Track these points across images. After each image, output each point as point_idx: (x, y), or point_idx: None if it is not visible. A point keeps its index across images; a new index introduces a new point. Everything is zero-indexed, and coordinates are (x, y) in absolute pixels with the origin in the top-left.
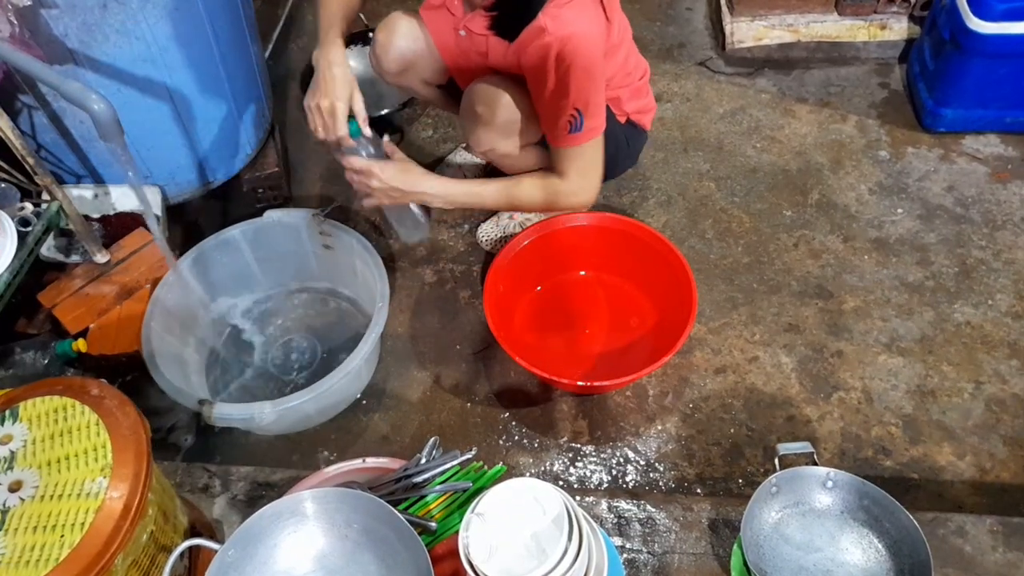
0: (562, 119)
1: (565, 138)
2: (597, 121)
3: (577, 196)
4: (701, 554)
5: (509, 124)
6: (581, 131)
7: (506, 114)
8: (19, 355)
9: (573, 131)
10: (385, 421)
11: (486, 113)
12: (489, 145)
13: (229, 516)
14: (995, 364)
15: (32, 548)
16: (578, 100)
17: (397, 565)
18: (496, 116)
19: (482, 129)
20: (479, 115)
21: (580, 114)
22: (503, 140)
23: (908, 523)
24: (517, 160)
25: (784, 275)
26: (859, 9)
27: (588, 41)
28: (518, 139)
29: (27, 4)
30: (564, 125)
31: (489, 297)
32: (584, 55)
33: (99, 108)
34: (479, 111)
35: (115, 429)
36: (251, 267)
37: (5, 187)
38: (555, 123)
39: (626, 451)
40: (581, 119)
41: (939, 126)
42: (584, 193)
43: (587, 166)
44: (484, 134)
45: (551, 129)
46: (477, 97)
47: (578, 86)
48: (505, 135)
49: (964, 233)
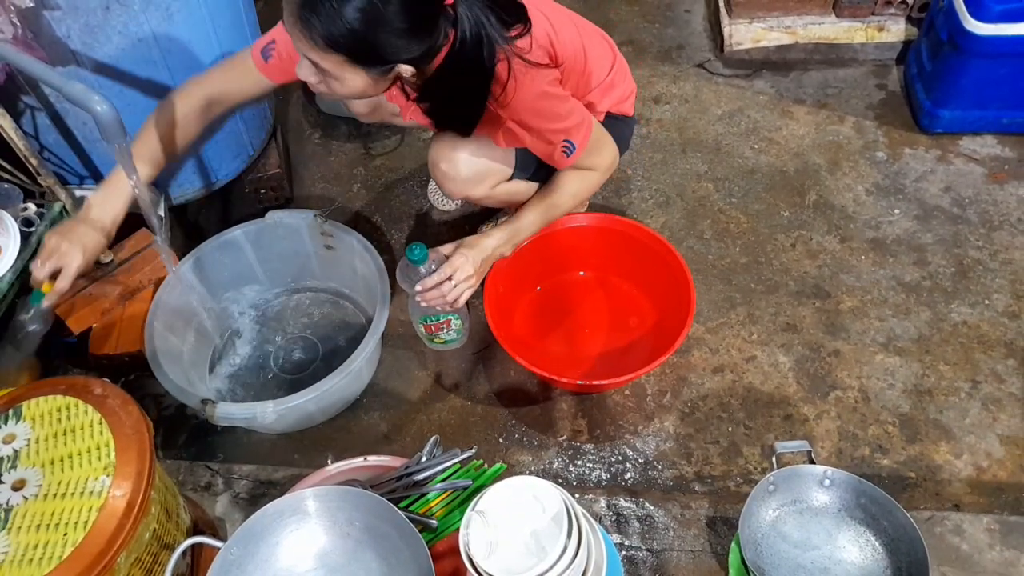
0: (556, 154)
1: (566, 161)
2: (583, 130)
3: (607, 169)
4: (699, 551)
5: (476, 174)
6: (575, 149)
7: (470, 166)
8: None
9: (570, 154)
10: (386, 420)
11: (450, 169)
12: (463, 194)
13: (231, 514)
14: (992, 363)
15: (35, 546)
16: (560, 136)
17: (398, 563)
18: (460, 171)
19: (450, 183)
20: (444, 172)
21: (568, 142)
22: (475, 187)
23: (905, 521)
24: (494, 198)
25: (782, 275)
26: (857, 11)
27: (542, 99)
28: (489, 183)
29: (29, 5)
30: (560, 156)
31: (489, 297)
32: (542, 110)
33: (102, 109)
34: (443, 168)
35: (118, 428)
36: (253, 267)
37: (8, 188)
38: (552, 159)
39: (625, 449)
40: (571, 144)
41: (936, 127)
42: (609, 161)
43: (598, 148)
44: (454, 187)
45: (549, 161)
46: (439, 155)
47: (552, 130)
48: (475, 183)
49: (961, 233)
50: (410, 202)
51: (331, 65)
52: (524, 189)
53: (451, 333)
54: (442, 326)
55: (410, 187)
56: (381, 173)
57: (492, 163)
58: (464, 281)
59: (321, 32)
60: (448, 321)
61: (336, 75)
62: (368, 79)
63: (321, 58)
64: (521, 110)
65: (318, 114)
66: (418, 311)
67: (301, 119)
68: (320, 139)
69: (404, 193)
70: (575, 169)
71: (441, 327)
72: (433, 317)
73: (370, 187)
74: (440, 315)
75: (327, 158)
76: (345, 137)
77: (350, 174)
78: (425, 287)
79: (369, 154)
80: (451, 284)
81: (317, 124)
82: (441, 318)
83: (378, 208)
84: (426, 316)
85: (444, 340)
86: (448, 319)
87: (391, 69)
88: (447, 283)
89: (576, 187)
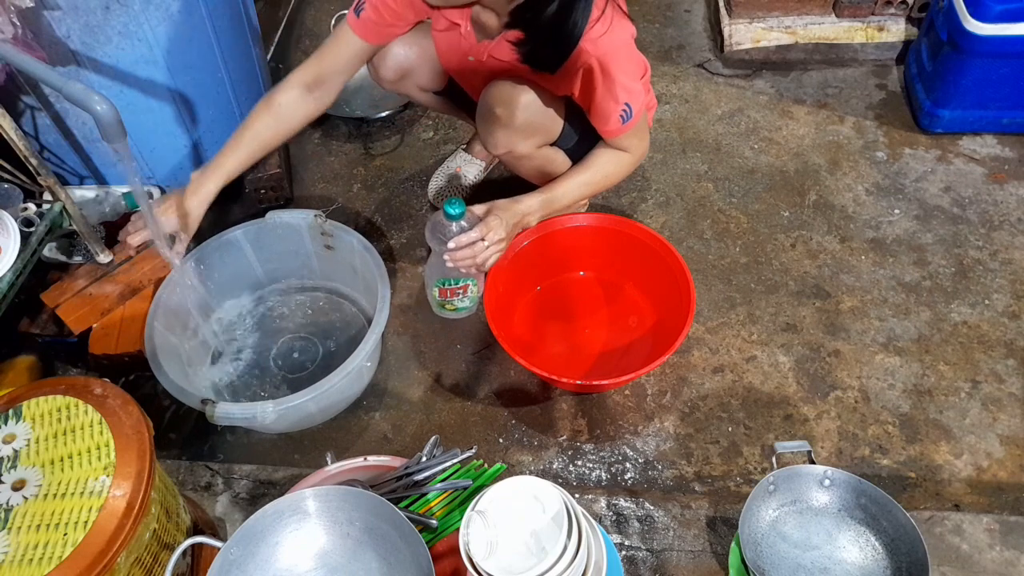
0: (614, 115)
1: (620, 128)
2: (641, 102)
3: (639, 157)
4: (699, 552)
5: (529, 125)
6: (632, 117)
7: (526, 115)
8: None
9: (626, 121)
10: (386, 420)
11: (505, 115)
12: (508, 147)
13: (231, 514)
14: (992, 363)
15: (35, 546)
16: (626, 96)
17: (398, 562)
18: (515, 117)
19: (501, 131)
20: (498, 117)
21: (629, 106)
22: (522, 141)
23: (905, 521)
24: (532, 161)
25: (782, 275)
26: (857, 11)
27: (626, 48)
28: (537, 140)
29: (30, 5)
30: (616, 119)
31: (489, 297)
32: (624, 61)
33: (102, 109)
34: (498, 112)
35: (118, 428)
36: (253, 267)
37: (8, 188)
38: (608, 120)
39: (625, 449)
40: (631, 109)
41: (936, 127)
42: (643, 149)
43: (642, 132)
44: (503, 136)
45: (604, 125)
46: (496, 99)
47: (623, 86)
48: (524, 136)
49: (961, 233)
50: (410, 202)
51: None
52: (561, 160)
53: (465, 300)
54: (459, 291)
55: (410, 187)
56: (381, 173)
57: (545, 119)
58: (496, 243)
59: None
60: (466, 287)
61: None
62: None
63: None
64: (610, 49)
65: None
66: (437, 272)
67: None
68: (320, 139)
69: (404, 193)
70: (613, 149)
71: (457, 292)
72: (452, 281)
73: (370, 187)
74: (460, 279)
75: (327, 158)
76: (345, 137)
77: (350, 174)
78: (459, 244)
79: (369, 154)
80: (483, 245)
81: (317, 124)
82: (460, 283)
83: (378, 208)
84: (445, 279)
85: (456, 307)
86: (466, 284)
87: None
88: (479, 243)
89: (610, 168)
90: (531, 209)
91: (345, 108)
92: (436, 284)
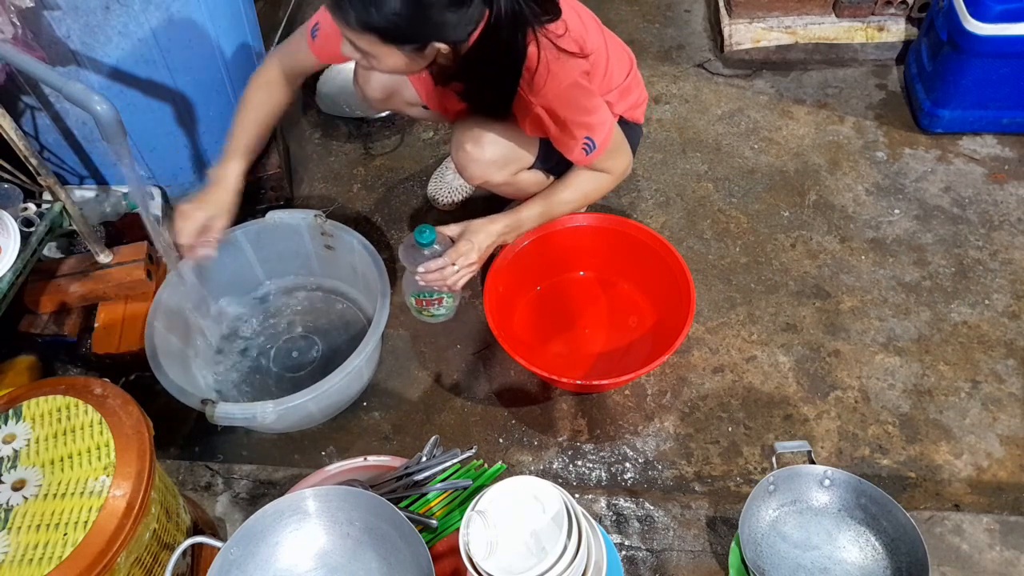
0: (576, 150)
1: (586, 159)
2: (606, 130)
3: (620, 175)
4: (699, 551)
5: (500, 157)
6: (596, 148)
7: (495, 149)
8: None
9: (590, 152)
10: (386, 420)
11: (475, 150)
12: (482, 179)
13: (231, 514)
14: (992, 363)
15: (35, 546)
16: (583, 132)
17: (398, 562)
18: (485, 152)
19: (472, 164)
20: (468, 152)
21: (590, 139)
22: (495, 172)
23: (905, 521)
24: (511, 187)
25: (782, 275)
26: (857, 11)
27: (572, 90)
28: (511, 168)
29: (29, 5)
30: (580, 153)
31: (489, 297)
32: (572, 101)
33: (102, 109)
34: (468, 148)
35: (118, 428)
36: (253, 267)
37: (8, 188)
38: (571, 153)
39: (625, 449)
40: (592, 142)
41: (936, 127)
42: (623, 167)
43: (616, 152)
44: (475, 169)
45: (569, 156)
46: (465, 135)
47: (577, 124)
48: (496, 168)
49: (961, 233)
50: (410, 202)
51: (367, 44)
52: (542, 181)
53: (441, 309)
54: (434, 302)
55: (410, 187)
56: (381, 173)
57: (517, 148)
58: (467, 267)
59: (354, 14)
60: (440, 299)
61: (373, 53)
62: (404, 57)
63: (357, 38)
64: (552, 96)
65: (318, 114)
66: (412, 287)
67: (301, 119)
68: (320, 139)
69: (404, 193)
70: (590, 170)
71: (433, 303)
72: (427, 294)
73: (370, 187)
74: (434, 293)
75: (327, 158)
76: (345, 137)
77: (350, 174)
78: (428, 269)
79: (369, 154)
80: (453, 269)
81: (317, 124)
82: (434, 295)
83: (378, 208)
84: (419, 293)
85: (433, 315)
86: (441, 297)
87: (425, 47)
88: (449, 267)
89: (588, 187)
90: (506, 230)
91: (345, 108)
92: (412, 295)
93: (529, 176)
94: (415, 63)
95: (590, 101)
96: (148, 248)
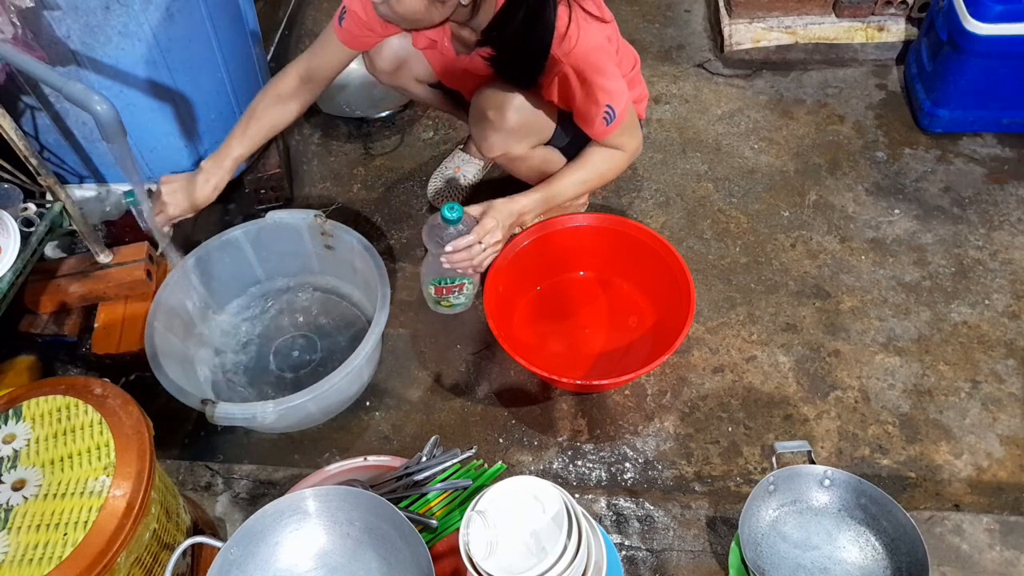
0: (597, 119)
1: (605, 130)
2: (625, 101)
3: (633, 153)
4: (699, 551)
5: (521, 126)
6: (616, 118)
7: (518, 117)
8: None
9: (610, 123)
10: (386, 420)
11: (497, 118)
12: (503, 149)
13: (231, 514)
14: (992, 364)
15: (35, 546)
16: (606, 98)
17: (398, 562)
18: (507, 120)
19: (495, 134)
20: (491, 120)
21: (611, 108)
22: (517, 143)
23: (905, 521)
24: (528, 162)
25: (782, 275)
26: (857, 11)
27: (600, 52)
28: (531, 140)
29: (29, 5)
30: (600, 122)
31: (489, 297)
32: (598, 63)
33: (102, 109)
34: (490, 116)
35: (118, 428)
36: (253, 267)
37: (8, 188)
38: (592, 123)
39: (625, 449)
40: (613, 110)
41: (936, 127)
42: (636, 145)
43: (631, 129)
44: (497, 139)
45: (589, 128)
46: (487, 102)
47: (602, 88)
48: (518, 138)
49: (961, 233)
50: (410, 202)
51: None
52: (557, 159)
53: (460, 297)
54: (454, 289)
55: (410, 187)
56: (381, 173)
57: (537, 119)
58: (492, 246)
59: None
60: (462, 285)
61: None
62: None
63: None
64: (580, 56)
65: (318, 114)
66: (434, 272)
67: (301, 119)
68: (320, 139)
69: (404, 193)
70: (605, 147)
71: (453, 290)
72: (448, 280)
73: (370, 187)
74: (456, 278)
75: (327, 158)
76: (345, 137)
77: (350, 174)
78: (456, 248)
79: (369, 154)
80: (480, 248)
81: (317, 124)
82: (456, 281)
83: (378, 208)
84: (441, 278)
85: (452, 304)
86: (462, 283)
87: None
88: (476, 246)
89: (604, 166)
90: (527, 208)
91: (345, 108)
92: (432, 283)
93: (544, 153)
94: (433, 10)
95: (613, 67)
96: (148, 248)
